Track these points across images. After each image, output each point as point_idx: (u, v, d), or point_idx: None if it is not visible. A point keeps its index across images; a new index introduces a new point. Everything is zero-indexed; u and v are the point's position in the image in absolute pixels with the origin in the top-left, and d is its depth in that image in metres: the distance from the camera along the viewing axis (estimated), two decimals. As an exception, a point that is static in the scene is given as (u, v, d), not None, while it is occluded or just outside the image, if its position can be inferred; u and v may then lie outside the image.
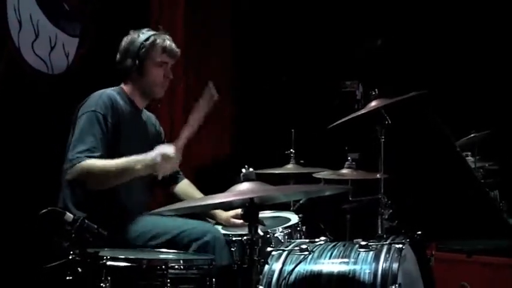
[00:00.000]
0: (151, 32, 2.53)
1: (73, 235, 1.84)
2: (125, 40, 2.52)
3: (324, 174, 2.84)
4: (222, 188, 1.88)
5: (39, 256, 2.37)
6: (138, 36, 2.50)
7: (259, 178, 1.90)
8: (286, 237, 2.45)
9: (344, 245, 2.13)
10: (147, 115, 2.65)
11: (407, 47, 4.41)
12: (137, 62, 2.47)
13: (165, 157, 2.27)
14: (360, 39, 4.44)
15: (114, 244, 2.08)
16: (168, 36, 2.55)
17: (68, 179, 2.28)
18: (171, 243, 2.25)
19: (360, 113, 2.65)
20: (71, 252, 1.83)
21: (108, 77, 2.58)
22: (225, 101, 4.64)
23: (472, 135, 3.98)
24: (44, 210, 1.85)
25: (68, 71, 3.21)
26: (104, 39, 3.26)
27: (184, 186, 2.68)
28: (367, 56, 4.38)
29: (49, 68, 3.12)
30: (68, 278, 1.82)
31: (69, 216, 1.86)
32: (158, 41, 2.50)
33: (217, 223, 2.60)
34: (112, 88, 2.50)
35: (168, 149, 2.31)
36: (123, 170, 2.27)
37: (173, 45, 2.53)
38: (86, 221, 1.87)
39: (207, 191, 2.34)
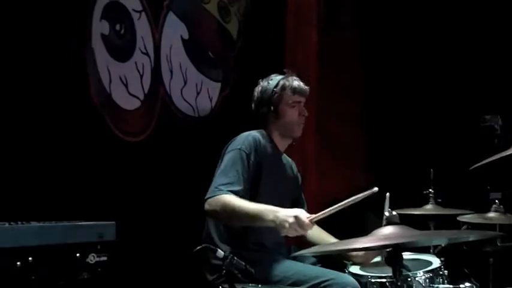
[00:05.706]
0: (279, 77, 2.65)
1: (223, 271, 1.96)
2: (257, 90, 2.67)
3: (468, 217, 2.71)
4: (352, 228, 1.86)
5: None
6: (268, 83, 2.64)
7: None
8: (427, 281, 2.39)
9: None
10: (287, 159, 2.77)
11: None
12: (272, 108, 2.61)
13: (298, 222, 2.24)
14: (499, 71, 4.24)
15: (258, 282, 2.17)
16: (295, 77, 2.66)
17: (206, 208, 2.40)
18: None
19: (505, 154, 2.52)
20: (220, 287, 1.95)
21: (248, 118, 2.73)
22: (359, 140, 4.64)
23: None
24: (199, 247, 1.99)
25: (212, 114, 3.45)
26: (243, 82, 3.47)
27: (316, 231, 2.66)
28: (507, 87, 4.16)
29: (195, 112, 3.38)
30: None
31: (221, 253, 1.98)
32: (287, 83, 2.62)
33: (354, 263, 2.60)
34: (257, 130, 2.64)
35: (304, 216, 2.27)
36: (256, 215, 2.31)
37: (301, 84, 2.65)
38: (235, 258, 1.98)
39: (338, 230, 2.33)
